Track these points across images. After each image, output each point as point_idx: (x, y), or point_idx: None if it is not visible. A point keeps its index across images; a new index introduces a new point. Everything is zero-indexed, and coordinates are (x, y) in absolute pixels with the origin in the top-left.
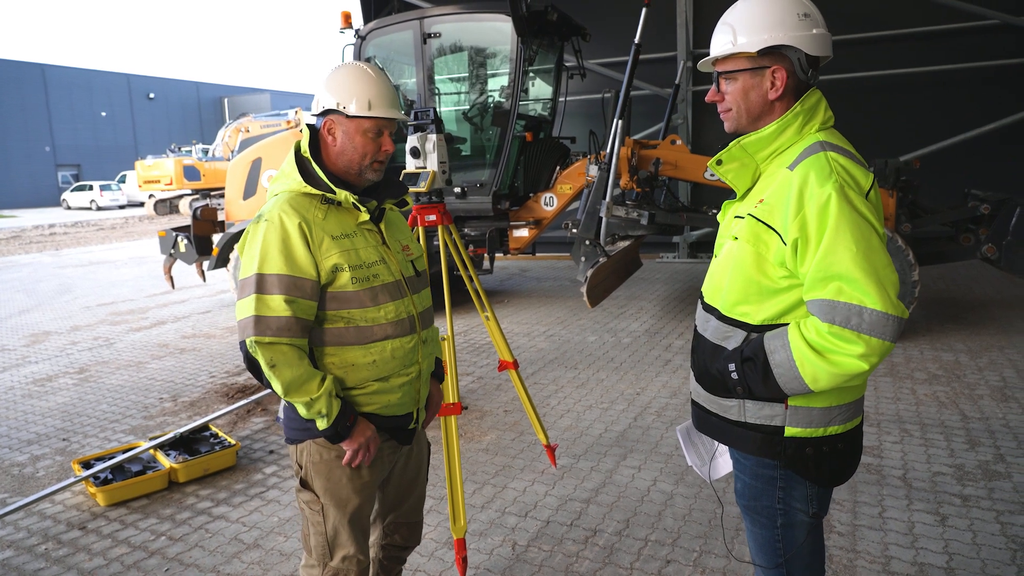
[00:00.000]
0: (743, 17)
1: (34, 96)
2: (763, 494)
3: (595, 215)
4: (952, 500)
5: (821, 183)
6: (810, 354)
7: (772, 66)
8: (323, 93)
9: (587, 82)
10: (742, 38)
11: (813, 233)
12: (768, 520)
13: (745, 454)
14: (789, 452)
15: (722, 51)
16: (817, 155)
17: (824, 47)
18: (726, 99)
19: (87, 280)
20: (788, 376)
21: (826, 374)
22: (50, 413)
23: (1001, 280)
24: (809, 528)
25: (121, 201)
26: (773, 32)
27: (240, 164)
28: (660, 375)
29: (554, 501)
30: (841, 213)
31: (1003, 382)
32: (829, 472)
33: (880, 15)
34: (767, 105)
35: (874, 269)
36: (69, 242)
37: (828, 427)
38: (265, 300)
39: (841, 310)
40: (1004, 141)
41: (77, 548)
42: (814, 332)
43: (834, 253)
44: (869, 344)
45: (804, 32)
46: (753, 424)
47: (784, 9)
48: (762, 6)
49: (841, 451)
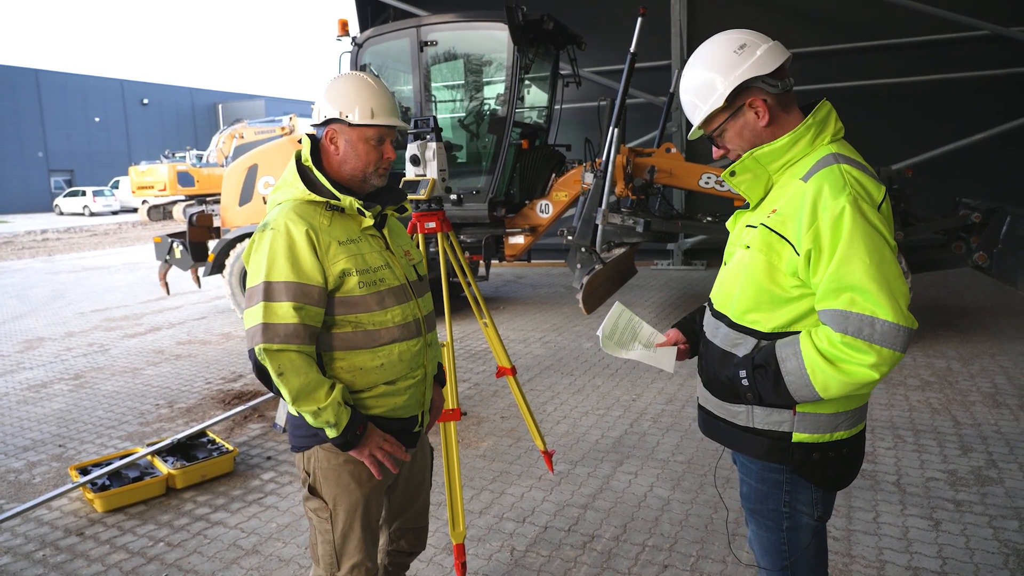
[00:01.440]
0: (693, 84)
1: (27, 101)
2: (769, 497)
3: (591, 222)
4: (945, 505)
5: (835, 195)
6: (822, 363)
7: (747, 100)
8: (324, 103)
9: (582, 90)
10: (705, 103)
11: (827, 244)
12: (774, 523)
13: (751, 458)
14: (796, 457)
15: (700, 119)
16: (831, 167)
17: (775, 59)
18: (730, 148)
19: (80, 286)
20: (799, 384)
21: (837, 383)
22: (46, 419)
23: (992, 287)
24: (814, 531)
25: (114, 207)
26: (723, 79)
27: (236, 170)
28: (656, 381)
29: (552, 507)
30: (855, 225)
31: (995, 388)
32: (834, 476)
33: (872, 25)
34: (766, 131)
35: (886, 281)
36: (62, 248)
37: (834, 433)
38: (273, 308)
39: (854, 320)
40: (994, 150)
41: (75, 554)
42: (826, 341)
43: (847, 264)
44: (880, 354)
45: (748, 62)
46: (761, 430)
47: (720, 55)
48: (702, 65)
49: (846, 456)
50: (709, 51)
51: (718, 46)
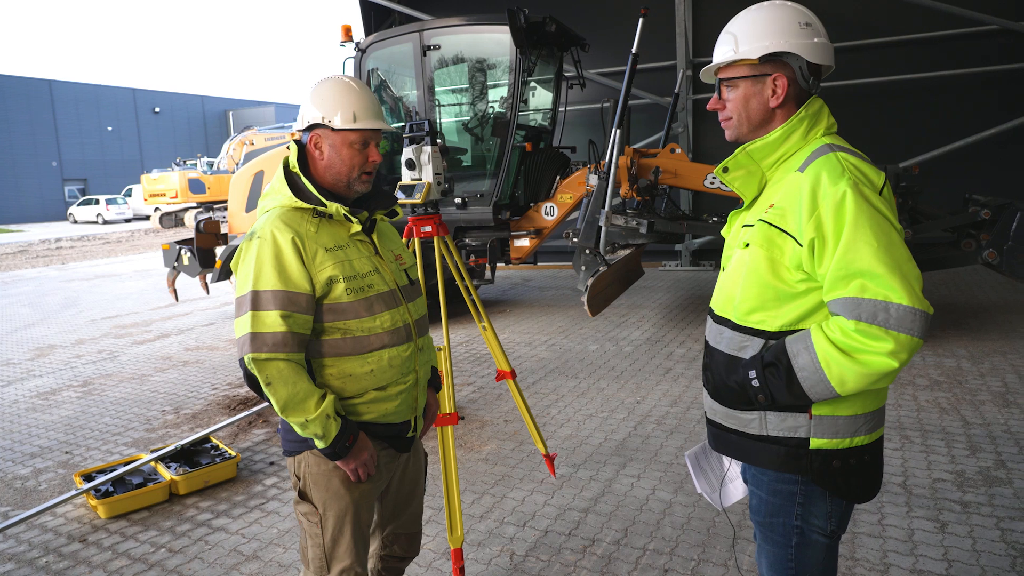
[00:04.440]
0: (745, 25)
1: (41, 111)
2: (780, 511)
3: (594, 224)
4: (952, 507)
5: (834, 181)
6: (836, 354)
7: (773, 74)
8: (308, 107)
9: (586, 92)
10: (744, 46)
11: (830, 232)
12: (783, 539)
13: (764, 469)
14: (815, 466)
15: (724, 59)
16: (827, 156)
17: (825, 56)
18: (727, 107)
19: (92, 293)
20: (813, 379)
21: (854, 375)
22: (53, 426)
23: (1003, 285)
24: (825, 549)
25: (127, 215)
26: (775, 39)
27: (243, 177)
28: (661, 383)
29: (553, 510)
30: (859, 209)
31: (1005, 387)
32: (858, 486)
33: (878, 21)
34: (768, 113)
35: (897, 264)
36: (75, 256)
37: (855, 438)
38: (261, 317)
39: (867, 307)
40: (1004, 146)
41: (78, 561)
42: (839, 332)
43: (854, 250)
44: (898, 340)
45: (806, 40)
46: (776, 437)
47: (786, 18)
48: (764, 15)
49: (868, 463)
50: (778, 9)
51: (788, 10)
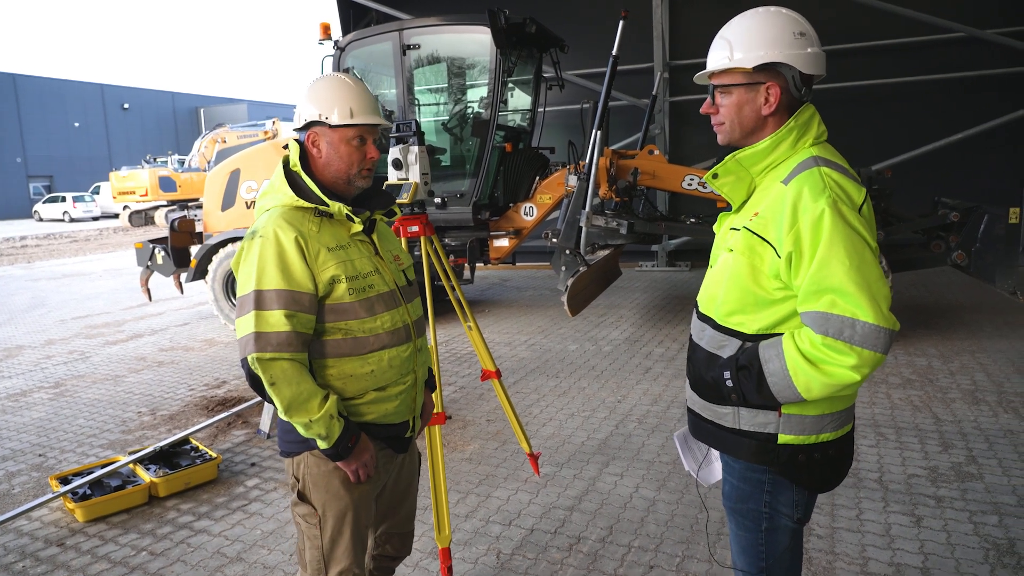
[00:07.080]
0: (740, 33)
1: (5, 106)
2: (750, 497)
3: (575, 225)
4: (927, 501)
5: (815, 198)
6: (804, 364)
7: (767, 82)
8: (305, 105)
9: (565, 93)
10: (739, 53)
11: (807, 247)
12: (753, 524)
13: (736, 458)
14: (782, 459)
15: (719, 65)
16: (811, 170)
17: (818, 66)
18: (720, 112)
19: (60, 293)
20: (782, 385)
21: (819, 384)
22: (25, 428)
23: (971, 286)
24: (792, 534)
25: (95, 213)
26: (769, 49)
27: (218, 175)
28: (641, 382)
29: (538, 509)
30: (835, 227)
31: (974, 385)
32: (819, 478)
33: (848, 28)
34: (760, 120)
35: (867, 283)
36: (41, 254)
37: (820, 434)
38: (264, 316)
39: (834, 322)
40: (972, 150)
41: (56, 565)
42: (808, 343)
43: (827, 267)
44: (861, 356)
45: (799, 51)
46: (747, 431)
47: (781, 27)
48: (759, 23)
49: (832, 457)
50: (774, 17)
51: (784, 19)
